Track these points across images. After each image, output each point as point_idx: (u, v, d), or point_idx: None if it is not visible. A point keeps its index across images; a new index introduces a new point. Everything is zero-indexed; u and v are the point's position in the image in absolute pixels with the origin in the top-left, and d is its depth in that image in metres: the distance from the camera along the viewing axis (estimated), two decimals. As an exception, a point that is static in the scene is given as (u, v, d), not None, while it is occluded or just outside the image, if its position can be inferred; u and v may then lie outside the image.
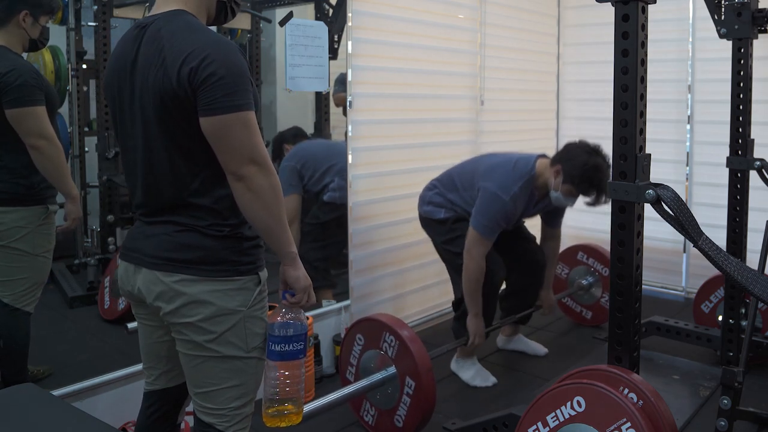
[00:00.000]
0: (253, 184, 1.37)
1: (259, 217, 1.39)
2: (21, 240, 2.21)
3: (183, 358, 1.49)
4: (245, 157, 1.36)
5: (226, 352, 1.45)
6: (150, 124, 1.40)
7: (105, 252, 3.33)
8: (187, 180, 1.42)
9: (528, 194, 2.76)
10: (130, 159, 1.49)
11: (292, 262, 1.47)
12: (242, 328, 1.46)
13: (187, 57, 1.33)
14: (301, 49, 2.71)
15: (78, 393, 2.23)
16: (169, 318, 1.44)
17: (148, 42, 1.39)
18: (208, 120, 1.35)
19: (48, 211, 2.29)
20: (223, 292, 1.43)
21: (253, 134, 1.37)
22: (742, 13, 2.53)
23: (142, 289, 1.46)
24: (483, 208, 2.70)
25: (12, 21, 2.20)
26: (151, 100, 1.38)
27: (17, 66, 2.16)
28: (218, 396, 1.47)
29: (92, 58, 3.29)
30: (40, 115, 2.16)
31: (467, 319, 2.78)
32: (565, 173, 2.65)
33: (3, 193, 2.19)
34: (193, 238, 1.42)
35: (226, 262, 1.43)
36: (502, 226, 2.72)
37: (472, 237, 2.70)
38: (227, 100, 1.33)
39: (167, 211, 1.44)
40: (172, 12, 1.43)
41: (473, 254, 2.69)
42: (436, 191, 2.95)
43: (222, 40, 1.40)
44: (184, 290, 1.41)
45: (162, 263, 1.42)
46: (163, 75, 1.35)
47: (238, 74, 1.35)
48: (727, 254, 1.74)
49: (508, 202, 2.69)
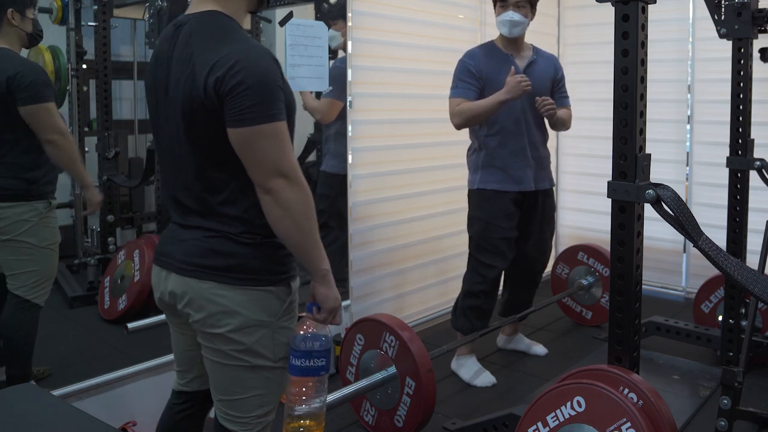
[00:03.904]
0: (280, 197, 1.31)
1: (288, 232, 1.34)
2: (26, 233, 2.27)
3: (209, 364, 1.47)
4: (272, 170, 1.31)
5: (254, 362, 1.42)
6: (179, 131, 1.38)
7: (105, 252, 3.33)
8: (215, 189, 1.38)
9: (489, 50, 2.81)
10: (166, 159, 1.47)
11: (322, 280, 1.42)
12: (270, 338, 1.42)
13: (214, 65, 1.29)
14: (301, 49, 2.71)
15: (78, 393, 2.23)
16: (198, 326, 1.42)
17: (181, 46, 1.36)
18: (235, 131, 1.30)
19: (50, 205, 2.35)
20: (254, 302, 1.39)
21: (281, 146, 1.31)
22: (742, 13, 2.53)
23: (171, 294, 1.44)
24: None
25: (3, 22, 2.25)
26: (180, 107, 1.35)
27: (25, 66, 2.24)
28: (243, 404, 1.45)
29: (92, 58, 3.29)
30: (52, 110, 2.25)
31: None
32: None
33: (6, 189, 2.25)
34: (224, 245, 1.38)
35: (258, 271, 1.39)
36: (468, 81, 2.73)
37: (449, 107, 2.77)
38: (254, 111, 1.28)
39: (200, 216, 1.41)
40: (207, 13, 1.39)
41: (453, 120, 2.75)
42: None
43: (253, 46, 1.34)
44: (213, 299, 1.38)
45: (192, 269, 1.39)
46: (191, 84, 1.31)
47: (267, 83, 1.29)
48: (727, 254, 1.74)
49: (464, 59, 2.78)
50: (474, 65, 2.74)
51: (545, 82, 2.85)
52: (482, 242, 2.83)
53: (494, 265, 2.83)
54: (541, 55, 2.89)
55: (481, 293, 2.84)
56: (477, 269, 2.86)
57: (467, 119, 2.71)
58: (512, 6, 2.70)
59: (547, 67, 2.88)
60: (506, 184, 2.80)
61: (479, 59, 2.76)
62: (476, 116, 2.69)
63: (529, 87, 2.60)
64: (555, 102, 2.82)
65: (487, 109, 2.66)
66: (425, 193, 3.52)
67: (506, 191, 2.80)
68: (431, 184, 3.55)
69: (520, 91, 2.59)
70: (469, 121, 2.72)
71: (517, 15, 2.70)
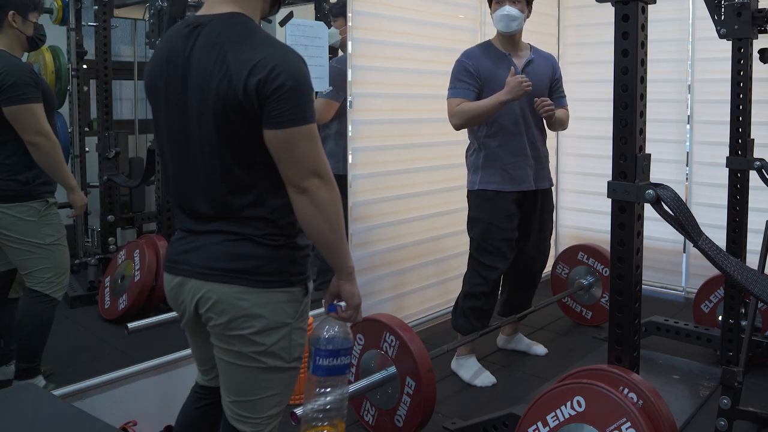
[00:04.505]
0: (315, 197, 1.34)
1: (321, 231, 1.37)
2: (29, 233, 2.28)
3: (223, 366, 1.48)
4: (309, 170, 1.34)
5: (272, 363, 1.44)
6: (207, 132, 1.37)
7: (105, 252, 3.33)
8: (244, 190, 1.39)
9: (487, 49, 2.81)
10: (178, 161, 1.45)
11: (348, 277, 1.46)
12: (288, 339, 1.45)
13: (254, 67, 1.30)
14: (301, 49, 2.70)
15: (78, 393, 2.23)
16: (219, 330, 1.42)
17: (207, 46, 1.36)
18: (275, 133, 1.32)
19: (48, 204, 2.34)
20: (276, 305, 1.42)
21: (316, 147, 1.35)
22: (742, 13, 2.53)
23: (190, 300, 1.44)
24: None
25: (3, 24, 2.25)
26: (211, 108, 1.34)
27: (12, 66, 2.21)
28: (256, 405, 1.47)
29: (93, 58, 3.29)
30: (36, 111, 2.22)
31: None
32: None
33: (1, 190, 2.24)
34: (247, 248, 1.40)
35: (280, 273, 1.42)
36: (466, 81, 2.73)
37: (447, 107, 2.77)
38: (295, 112, 1.31)
39: (217, 220, 1.41)
40: (229, 15, 1.39)
41: (453, 121, 2.74)
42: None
43: (287, 49, 1.37)
44: (237, 303, 1.39)
45: (215, 273, 1.40)
46: (227, 85, 1.31)
47: (306, 85, 1.33)
48: (727, 254, 1.74)
49: (462, 59, 2.78)
50: (472, 65, 2.74)
51: (543, 81, 2.85)
52: (483, 243, 2.83)
53: (495, 266, 2.83)
54: (539, 55, 2.89)
55: (482, 294, 2.84)
56: (478, 270, 2.85)
57: (467, 120, 2.71)
58: (508, 1, 2.70)
59: (545, 66, 2.88)
60: (507, 184, 2.80)
61: (477, 59, 2.76)
62: (476, 117, 2.69)
63: (530, 87, 2.60)
64: (552, 102, 2.82)
65: (487, 110, 2.66)
66: (425, 193, 3.52)
67: (507, 191, 2.80)
68: (431, 184, 3.55)
69: (521, 91, 2.59)
70: (468, 121, 2.72)
71: (514, 9, 2.69)
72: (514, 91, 2.59)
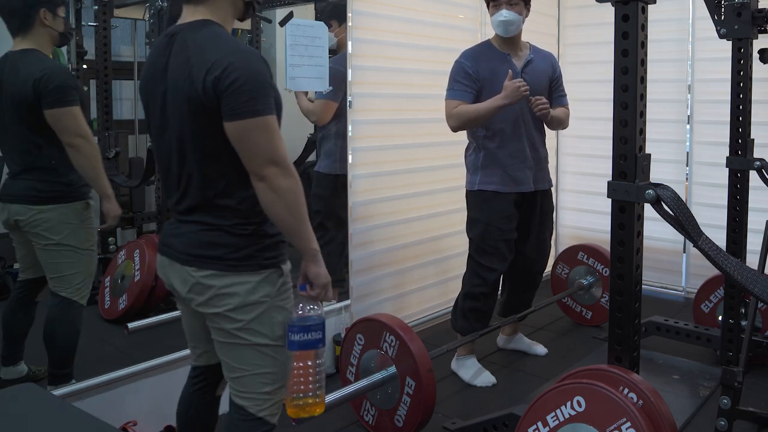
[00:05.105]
0: (274, 184, 1.45)
1: (281, 215, 1.48)
2: (68, 236, 2.29)
3: (217, 345, 1.61)
4: (266, 159, 1.44)
5: (254, 339, 1.56)
6: (181, 131, 1.50)
7: (105, 252, 3.33)
8: (214, 182, 1.52)
9: (486, 49, 2.81)
10: (163, 162, 1.59)
11: (313, 259, 1.55)
12: (268, 317, 1.56)
13: (211, 66, 1.42)
14: (301, 49, 2.71)
15: (78, 393, 2.23)
16: (201, 308, 1.56)
17: (177, 52, 1.49)
18: (232, 124, 1.43)
19: (88, 206, 2.35)
20: (249, 284, 1.53)
21: (273, 137, 1.45)
22: (742, 13, 2.53)
23: (175, 282, 1.59)
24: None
25: (36, 22, 2.25)
26: (182, 108, 1.48)
27: (53, 68, 2.23)
28: (250, 381, 1.58)
29: (93, 58, 3.29)
30: (77, 114, 2.23)
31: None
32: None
33: (44, 192, 2.26)
34: (218, 237, 1.53)
35: (249, 257, 1.53)
36: (464, 83, 2.72)
37: (445, 108, 2.77)
38: (249, 105, 1.42)
39: (196, 211, 1.55)
40: (199, 22, 1.52)
41: (449, 123, 2.75)
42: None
43: (244, 49, 1.48)
44: (212, 283, 1.52)
45: (191, 259, 1.54)
46: (190, 85, 1.44)
47: (260, 81, 1.43)
48: (727, 254, 1.74)
49: (460, 60, 2.78)
50: (471, 66, 2.74)
51: (543, 80, 2.85)
52: (482, 244, 2.82)
53: (494, 267, 2.83)
54: (539, 54, 2.88)
55: (481, 295, 2.84)
56: (477, 271, 2.85)
57: (464, 123, 2.71)
58: (505, 4, 2.69)
59: (545, 65, 2.88)
60: (506, 185, 2.79)
61: (476, 59, 2.76)
62: (473, 120, 2.69)
63: (528, 91, 2.60)
64: (552, 101, 2.81)
65: (484, 114, 2.66)
66: (425, 193, 3.52)
67: (506, 192, 2.80)
68: (431, 184, 3.55)
69: (519, 96, 2.59)
70: (465, 124, 2.72)
71: (511, 13, 2.69)
72: (512, 95, 2.59)
